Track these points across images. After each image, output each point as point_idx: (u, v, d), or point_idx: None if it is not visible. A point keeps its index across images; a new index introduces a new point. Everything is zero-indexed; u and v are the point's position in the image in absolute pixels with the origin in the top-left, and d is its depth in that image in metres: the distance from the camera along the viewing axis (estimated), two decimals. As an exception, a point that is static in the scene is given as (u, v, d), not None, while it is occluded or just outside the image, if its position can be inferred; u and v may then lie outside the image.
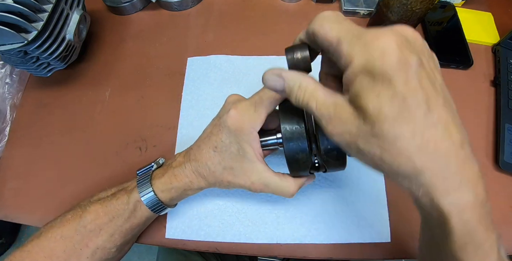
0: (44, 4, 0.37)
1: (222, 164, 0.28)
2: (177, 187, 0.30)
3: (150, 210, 0.31)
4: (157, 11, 0.53)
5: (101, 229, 0.30)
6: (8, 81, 0.45)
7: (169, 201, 0.31)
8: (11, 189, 0.40)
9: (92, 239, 0.30)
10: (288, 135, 0.25)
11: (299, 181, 0.29)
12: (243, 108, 0.27)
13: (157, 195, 0.30)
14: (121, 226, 0.30)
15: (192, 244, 0.36)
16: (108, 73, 0.48)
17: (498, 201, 0.38)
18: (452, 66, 0.46)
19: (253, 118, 0.26)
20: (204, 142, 0.29)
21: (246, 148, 0.27)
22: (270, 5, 0.53)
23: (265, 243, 0.36)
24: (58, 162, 0.42)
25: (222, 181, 0.29)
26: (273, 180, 0.28)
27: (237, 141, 0.27)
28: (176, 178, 0.30)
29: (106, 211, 0.30)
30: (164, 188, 0.30)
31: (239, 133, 0.26)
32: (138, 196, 0.30)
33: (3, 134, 0.43)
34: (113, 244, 0.31)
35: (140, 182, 0.31)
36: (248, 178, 0.28)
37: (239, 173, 0.28)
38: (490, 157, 0.40)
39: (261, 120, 0.27)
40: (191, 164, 0.30)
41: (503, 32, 0.48)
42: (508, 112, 0.42)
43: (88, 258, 0.30)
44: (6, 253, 1.11)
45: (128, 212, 0.30)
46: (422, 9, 0.39)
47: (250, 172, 0.28)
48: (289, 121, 0.25)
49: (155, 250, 0.67)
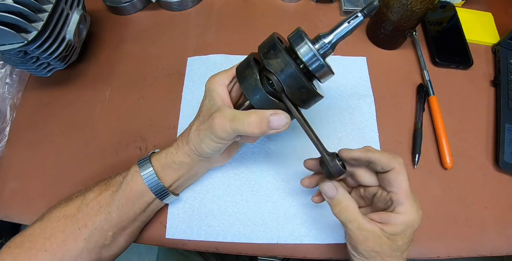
0: (44, 4, 0.37)
1: (200, 120, 0.31)
2: (166, 152, 0.32)
3: (145, 183, 0.31)
4: (157, 11, 0.53)
5: (101, 206, 0.31)
6: (8, 81, 0.45)
7: (162, 172, 0.32)
8: (11, 189, 0.40)
9: (91, 217, 0.30)
10: (239, 69, 0.29)
11: (262, 112, 0.28)
12: (218, 73, 0.31)
13: (152, 164, 0.32)
14: (118, 201, 0.31)
15: (192, 244, 0.36)
16: (108, 73, 0.48)
17: (498, 201, 0.38)
18: (452, 66, 0.46)
19: (223, 76, 0.31)
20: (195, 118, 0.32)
21: (215, 96, 0.30)
22: (270, 5, 0.53)
23: (265, 243, 0.36)
24: (58, 162, 0.42)
25: (194, 130, 0.30)
26: (233, 114, 0.28)
27: (209, 94, 0.30)
28: (172, 154, 0.32)
29: (107, 187, 0.32)
30: (158, 157, 0.32)
31: (211, 87, 0.30)
32: (137, 167, 0.32)
33: (3, 134, 0.43)
34: (110, 225, 0.31)
35: (140, 161, 0.33)
36: (212, 118, 0.28)
37: (206, 117, 0.30)
38: (490, 157, 0.40)
39: (230, 77, 0.31)
40: (182, 138, 0.32)
41: (503, 32, 0.48)
42: (508, 112, 0.42)
43: (85, 240, 0.30)
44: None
45: (125, 183, 0.31)
46: (422, 9, 0.39)
47: (215, 113, 0.28)
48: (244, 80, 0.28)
49: (155, 250, 0.67)
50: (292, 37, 0.27)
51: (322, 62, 0.26)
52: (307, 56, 0.26)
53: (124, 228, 0.32)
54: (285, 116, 0.28)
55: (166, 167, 0.32)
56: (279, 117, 0.27)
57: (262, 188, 0.38)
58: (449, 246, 0.36)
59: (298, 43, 0.27)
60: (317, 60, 0.26)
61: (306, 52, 0.26)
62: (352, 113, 0.43)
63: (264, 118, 0.27)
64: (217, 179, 0.39)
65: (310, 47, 0.26)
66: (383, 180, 0.28)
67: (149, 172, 0.32)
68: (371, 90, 0.44)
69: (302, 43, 0.26)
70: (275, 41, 0.27)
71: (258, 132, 0.27)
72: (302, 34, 0.27)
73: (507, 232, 0.37)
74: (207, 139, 0.29)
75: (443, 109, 0.42)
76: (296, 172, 0.39)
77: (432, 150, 0.41)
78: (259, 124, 0.27)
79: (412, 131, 0.42)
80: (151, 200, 0.33)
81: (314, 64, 0.27)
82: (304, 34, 0.27)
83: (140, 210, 0.33)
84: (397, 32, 0.44)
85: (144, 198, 0.32)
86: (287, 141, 0.41)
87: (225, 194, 0.38)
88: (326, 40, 0.27)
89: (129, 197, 0.31)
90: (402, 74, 0.46)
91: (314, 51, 0.26)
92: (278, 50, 0.26)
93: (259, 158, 0.40)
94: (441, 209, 0.38)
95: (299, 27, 0.28)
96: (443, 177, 0.39)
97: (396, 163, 0.27)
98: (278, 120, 0.27)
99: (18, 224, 0.77)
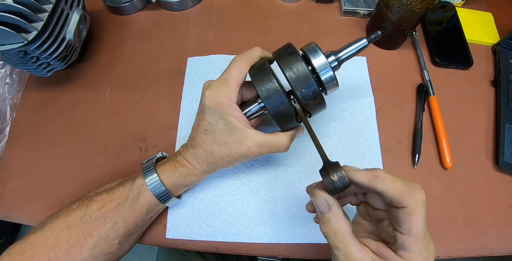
0: (44, 4, 0.37)
1: (216, 142, 0.30)
2: (180, 172, 0.32)
3: (153, 195, 0.31)
4: (157, 11, 0.53)
5: (106, 217, 0.30)
6: (8, 81, 0.45)
7: (173, 187, 0.32)
8: (11, 189, 0.40)
9: (97, 228, 0.30)
10: (265, 94, 0.28)
11: (289, 134, 0.32)
12: (215, 86, 0.29)
13: (161, 180, 0.31)
14: (125, 213, 0.31)
15: (192, 244, 0.36)
16: (108, 73, 0.48)
17: (498, 201, 0.38)
18: (452, 66, 0.46)
19: (227, 92, 0.29)
20: (196, 130, 0.31)
21: (231, 120, 0.29)
22: (270, 5, 0.53)
23: (265, 243, 0.36)
24: (58, 162, 0.42)
25: (222, 158, 0.30)
26: (266, 140, 0.30)
27: (221, 117, 0.29)
28: (179, 164, 0.32)
29: (112, 198, 0.31)
30: (169, 173, 0.32)
31: (220, 109, 0.29)
32: (143, 180, 0.31)
33: (3, 134, 0.43)
34: (116, 235, 0.31)
35: (145, 168, 0.32)
36: (243, 146, 0.29)
37: (234, 144, 0.29)
38: (490, 157, 0.40)
39: (235, 92, 0.29)
40: (190, 152, 0.31)
41: (503, 32, 0.48)
42: (508, 112, 0.42)
43: (91, 249, 0.30)
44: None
45: (132, 197, 0.31)
46: (422, 9, 0.39)
47: (243, 140, 0.29)
48: (262, 83, 0.29)
49: (155, 250, 0.67)
50: (307, 49, 0.29)
51: (333, 73, 0.29)
52: (321, 66, 0.29)
53: (130, 235, 0.32)
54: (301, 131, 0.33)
55: (177, 184, 0.32)
56: (299, 134, 0.33)
57: (262, 188, 0.38)
58: (449, 246, 0.36)
59: (313, 54, 0.29)
60: (329, 71, 0.29)
61: (321, 63, 0.29)
62: (352, 113, 0.43)
63: (292, 138, 0.32)
64: (217, 179, 0.39)
65: (324, 59, 0.29)
66: (391, 214, 0.23)
67: (155, 183, 0.31)
68: (371, 90, 0.44)
69: (317, 54, 0.29)
70: (294, 50, 0.29)
71: (287, 150, 0.32)
72: (317, 47, 0.29)
73: (507, 232, 0.37)
74: (237, 162, 0.32)
75: (443, 109, 0.42)
76: (296, 172, 0.39)
77: (432, 150, 0.41)
78: (290, 144, 0.32)
79: (412, 131, 0.42)
80: (159, 207, 0.33)
81: (326, 75, 0.29)
82: (319, 47, 0.29)
83: (149, 217, 0.33)
84: (397, 32, 0.44)
85: (152, 206, 0.32)
86: (287, 141, 0.41)
87: (225, 194, 0.38)
88: (336, 56, 0.30)
89: (137, 208, 0.31)
90: (402, 74, 0.46)
91: (328, 63, 0.29)
92: (297, 59, 0.28)
93: (259, 158, 0.40)
94: (441, 209, 0.38)
95: (313, 41, 0.30)
96: (443, 177, 0.39)
97: (411, 201, 0.21)
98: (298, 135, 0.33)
99: (18, 224, 0.77)
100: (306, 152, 0.40)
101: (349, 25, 0.50)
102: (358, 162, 0.40)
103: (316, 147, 0.28)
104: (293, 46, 0.30)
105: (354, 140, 0.41)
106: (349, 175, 0.24)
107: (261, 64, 0.30)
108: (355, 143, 0.41)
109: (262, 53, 0.31)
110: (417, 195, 0.22)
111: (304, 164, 0.40)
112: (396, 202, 0.22)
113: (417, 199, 0.21)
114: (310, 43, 0.30)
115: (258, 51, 0.31)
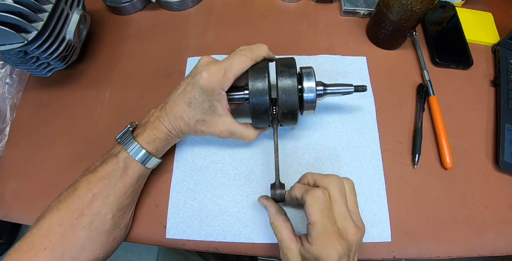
0: (44, 4, 0.37)
1: (196, 117, 0.33)
2: (160, 138, 0.34)
3: (141, 163, 0.33)
4: (157, 11, 0.53)
5: (95, 194, 0.31)
6: (8, 81, 0.45)
7: (156, 152, 0.34)
8: (11, 189, 0.40)
9: (87, 205, 0.30)
10: (254, 90, 0.32)
11: (258, 130, 0.37)
12: (215, 71, 0.31)
13: (143, 147, 0.33)
14: (114, 186, 0.31)
15: (192, 244, 0.36)
16: (108, 73, 0.48)
17: (498, 201, 0.38)
18: (452, 66, 0.46)
19: (223, 81, 0.31)
20: (179, 97, 0.33)
21: (217, 105, 0.32)
22: (270, 5, 0.53)
23: (265, 243, 0.36)
24: (58, 162, 0.42)
25: (196, 130, 0.34)
26: (238, 130, 0.35)
27: (209, 99, 0.32)
28: (157, 130, 0.33)
29: (98, 176, 0.32)
30: (149, 140, 0.33)
31: (211, 93, 0.32)
32: (126, 153, 0.32)
33: (3, 134, 0.43)
34: (109, 209, 0.31)
35: (124, 142, 0.33)
36: (217, 128, 0.34)
37: (210, 124, 0.34)
38: (490, 157, 0.40)
39: (230, 83, 0.32)
40: (168, 117, 0.33)
41: (503, 32, 0.48)
42: (508, 112, 0.42)
43: (85, 228, 0.30)
44: (6, 253, 1.11)
45: (120, 171, 0.32)
46: (422, 9, 0.39)
47: (219, 124, 0.34)
48: (256, 80, 0.32)
49: (155, 250, 0.67)
50: (305, 71, 0.34)
51: (315, 98, 0.33)
52: (309, 88, 0.33)
53: (123, 207, 0.33)
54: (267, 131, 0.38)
55: (160, 149, 0.35)
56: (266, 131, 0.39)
57: (263, 188, 0.38)
58: (449, 246, 0.36)
59: (308, 77, 0.33)
60: (313, 95, 0.33)
61: (310, 86, 0.33)
62: (352, 113, 0.43)
63: (259, 133, 0.37)
64: (217, 179, 0.39)
65: (314, 84, 0.33)
66: None
67: (141, 153, 0.33)
68: (371, 90, 0.44)
69: (311, 79, 0.33)
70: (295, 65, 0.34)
71: (251, 141, 0.37)
72: (313, 73, 0.34)
73: (507, 232, 0.37)
74: (207, 135, 0.35)
75: (443, 109, 0.42)
76: (296, 172, 0.39)
77: (432, 150, 0.41)
78: (255, 138, 0.37)
79: (412, 131, 0.42)
80: (145, 173, 0.35)
81: (309, 97, 0.33)
82: (315, 74, 0.34)
83: (138, 184, 0.34)
84: (397, 32, 0.44)
85: (142, 174, 0.34)
86: (288, 141, 0.41)
87: (225, 194, 0.38)
88: (324, 87, 0.35)
89: (127, 180, 0.32)
90: (402, 74, 0.46)
91: (315, 88, 0.33)
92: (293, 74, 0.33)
93: (259, 158, 0.40)
94: (441, 209, 0.38)
95: (312, 67, 0.35)
96: (443, 177, 0.39)
97: (306, 197, 0.27)
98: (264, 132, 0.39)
99: (18, 224, 0.77)
100: (306, 153, 0.40)
101: (349, 25, 0.51)
102: (358, 162, 0.40)
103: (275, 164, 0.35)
104: (295, 62, 0.34)
105: (354, 140, 0.41)
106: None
107: (263, 66, 0.33)
108: (355, 143, 0.41)
109: (267, 54, 0.34)
110: (313, 192, 0.27)
111: (304, 164, 0.40)
112: (301, 200, 0.29)
113: (312, 195, 0.27)
114: (310, 67, 0.35)
115: (265, 51, 0.34)
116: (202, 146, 0.41)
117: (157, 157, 0.35)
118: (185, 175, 0.39)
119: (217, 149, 0.41)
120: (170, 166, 0.40)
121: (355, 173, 0.39)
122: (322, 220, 0.26)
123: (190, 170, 0.40)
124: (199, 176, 0.39)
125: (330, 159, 0.40)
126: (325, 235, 0.26)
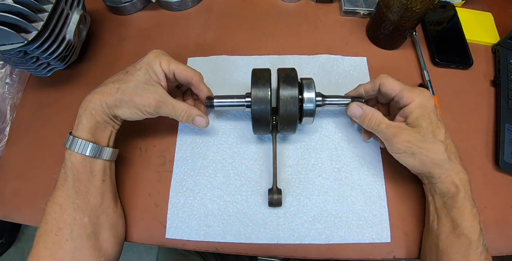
0: (44, 4, 0.37)
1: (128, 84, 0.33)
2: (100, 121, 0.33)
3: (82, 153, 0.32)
4: (157, 11, 0.53)
5: (61, 204, 0.31)
6: (8, 81, 0.45)
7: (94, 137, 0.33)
8: (11, 189, 0.40)
9: (60, 219, 0.30)
10: (256, 99, 0.34)
11: (192, 108, 0.36)
12: (163, 54, 0.35)
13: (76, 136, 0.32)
14: (73, 188, 0.31)
15: (192, 244, 0.36)
16: (108, 73, 0.47)
17: (498, 201, 0.38)
18: (452, 66, 0.46)
19: (170, 62, 0.35)
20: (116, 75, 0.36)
21: (153, 75, 0.34)
22: (270, 5, 0.53)
23: (265, 243, 0.36)
24: (58, 162, 0.41)
25: (130, 99, 0.33)
26: (169, 100, 0.35)
27: (146, 69, 0.34)
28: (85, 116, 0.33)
29: (58, 187, 0.32)
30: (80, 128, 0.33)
31: (155, 66, 0.34)
32: (68, 150, 0.32)
33: (3, 134, 0.43)
34: (81, 213, 0.31)
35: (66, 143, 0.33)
36: (150, 96, 0.33)
37: (143, 92, 0.33)
38: (490, 157, 0.40)
39: (172, 66, 0.35)
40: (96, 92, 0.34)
41: (503, 32, 0.48)
42: (508, 112, 0.42)
43: (68, 240, 0.30)
44: (6, 253, 1.11)
45: (68, 169, 0.32)
46: (422, 9, 0.39)
47: (152, 92, 0.34)
48: (258, 89, 0.34)
49: (154, 250, 0.67)
50: (306, 82, 0.35)
51: (314, 108, 0.34)
52: (309, 99, 0.34)
53: (94, 208, 0.32)
54: (205, 121, 0.37)
55: (94, 130, 0.33)
56: (201, 120, 0.37)
57: (262, 188, 0.38)
58: (449, 246, 0.36)
59: (308, 88, 0.34)
60: (313, 105, 0.34)
61: (310, 96, 0.34)
62: (352, 113, 0.43)
63: (191, 116, 0.36)
64: (217, 179, 0.39)
65: (314, 95, 0.34)
66: (383, 95, 0.35)
67: (81, 144, 0.32)
68: (371, 90, 0.44)
69: (311, 90, 0.34)
70: (296, 76, 0.35)
71: (182, 121, 0.36)
72: (313, 84, 0.35)
73: (507, 232, 0.36)
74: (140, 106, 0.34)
75: (443, 109, 0.42)
76: (296, 172, 0.39)
77: (432, 150, 0.41)
78: (185, 118, 0.36)
79: (412, 131, 0.42)
80: (102, 167, 0.33)
81: (309, 107, 0.34)
82: (315, 85, 0.35)
83: (99, 181, 0.33)
84: (397, 32, 0.44)
85: (95, 168, 0.32)
86: (288, 141, 0.41)
87: (225, 194, 0.38)
88: (322, 98, 0.36)
89: (81, 178, 0.31)
90: (402, 74, 0.46)
91: (314, 99, 0.34)
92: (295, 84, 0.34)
93: (259, 158, 0.40)
94: (441, 209, 0.37)
95: (312, 79, 0.36)
96: (443, 177, 0.39)
97: (379, 79, 0.34)
98: (200, 121, 0.37)
99: (18, 224, 0.77)
100: (306, 153, 0.40)
101: (349, 25, 0.50)
102: (358, 163, 0.40)
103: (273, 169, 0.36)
104: (297, 73, 0.35)
105: (354, 140, 0.41)
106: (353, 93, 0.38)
107: (266, 75, 0.35)
108: (355, 143, 0.41)
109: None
110: (381, 76, 0.35)
111: (303, 164, 0.40)
112: (375, 86, 0.35)
113: (381, 76, 0.35)
114: (310, 78, 0.36)
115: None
116: (202, 146, 0.41)
117: (99, 144, 0.33)
118: (185, 175, 0.39)
119: (217, 149, 0.41)
120: (170, 166, 0.40)
121: (355, 173, 0.39)
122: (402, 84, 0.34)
123: (190, 170, 0.40)
124: (198, 176, 0.39)
125: (330, 159, 0.40)
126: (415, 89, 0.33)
